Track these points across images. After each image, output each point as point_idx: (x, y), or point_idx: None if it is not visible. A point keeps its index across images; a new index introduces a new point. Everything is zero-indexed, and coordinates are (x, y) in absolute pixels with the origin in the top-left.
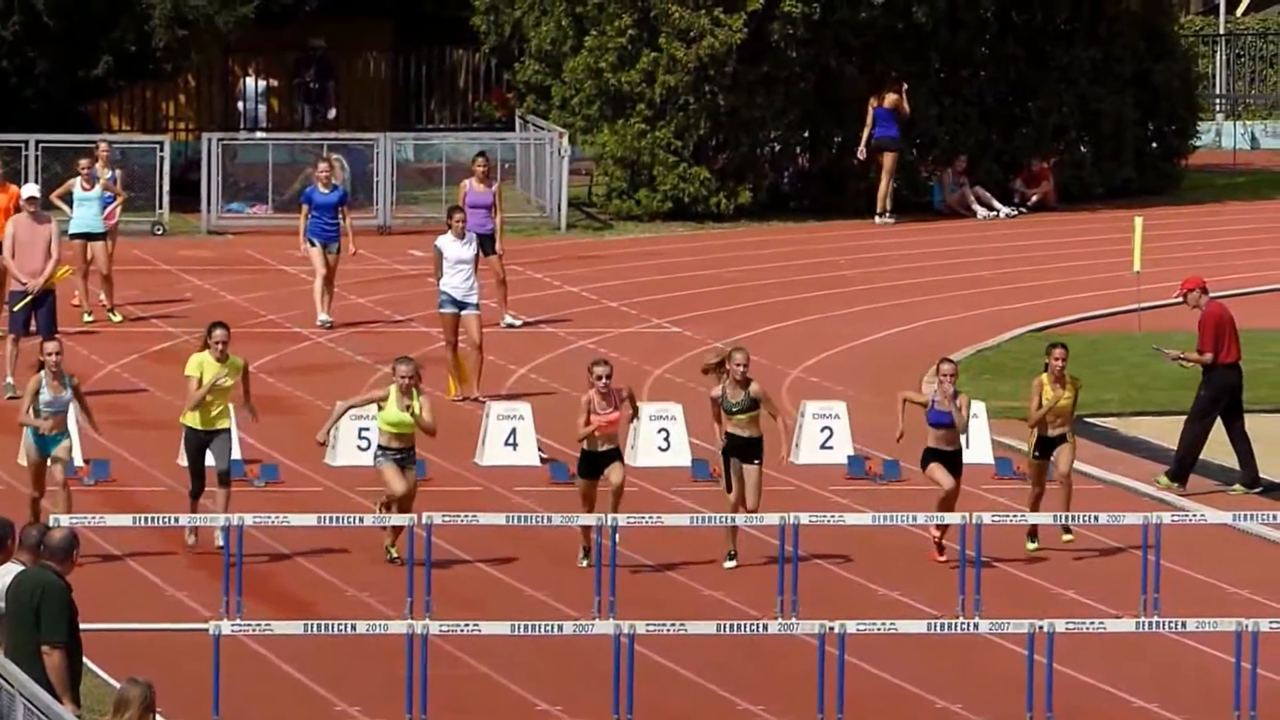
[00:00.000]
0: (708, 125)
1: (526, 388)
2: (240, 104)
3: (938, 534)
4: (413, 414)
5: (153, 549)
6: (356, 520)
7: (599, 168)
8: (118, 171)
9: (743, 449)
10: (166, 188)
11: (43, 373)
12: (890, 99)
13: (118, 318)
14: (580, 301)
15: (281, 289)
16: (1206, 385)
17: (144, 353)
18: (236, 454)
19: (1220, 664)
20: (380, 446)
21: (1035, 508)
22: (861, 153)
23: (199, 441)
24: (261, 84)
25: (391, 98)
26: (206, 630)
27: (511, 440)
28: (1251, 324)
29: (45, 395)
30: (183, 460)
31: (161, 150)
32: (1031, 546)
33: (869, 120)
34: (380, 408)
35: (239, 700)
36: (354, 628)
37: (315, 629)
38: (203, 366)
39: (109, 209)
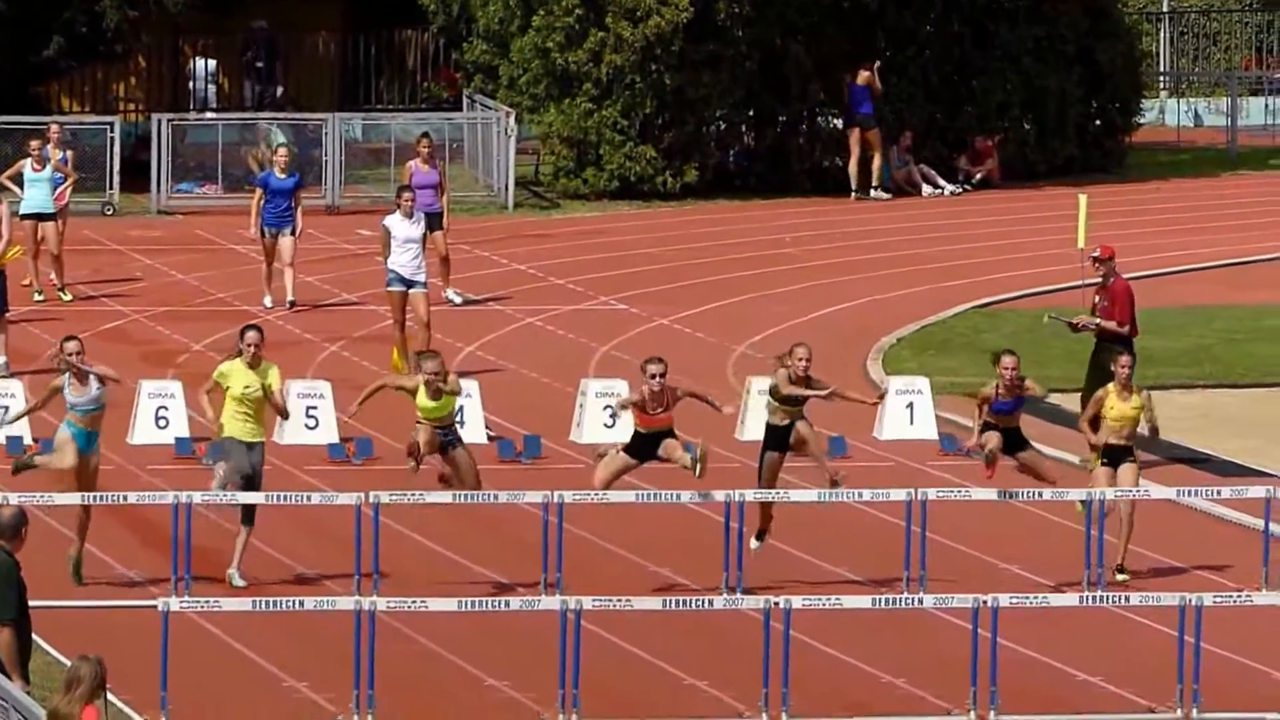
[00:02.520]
0: (654, 104)
1: (474, 365)
2: (190, 85)
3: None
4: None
5: (102, 526)
6: (304, 498)
7: (546, 147)
8: (68, 152)
9: (785, 435)
10: (117, 168)
11: (66, 375)
12: (864, 76)
13: (68, 297)
14: (527, 279)
15: (231, 268)
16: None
17: (94, 331)
18: (184, 432)
19: (1164, 638)
20: (418, 423)
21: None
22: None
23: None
24: (211, 65)
25: (340, 78)
26: (155, 607)
27: (459, 417)
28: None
29: (69, 397)
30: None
31: (112, 131)
32: (1121, 578)
33: (845, 98)
34: (412, 396)
35: (187, 676)
36: (302, 604)
37: (263, 605)
38: (230, 375)
39: (59, 189)
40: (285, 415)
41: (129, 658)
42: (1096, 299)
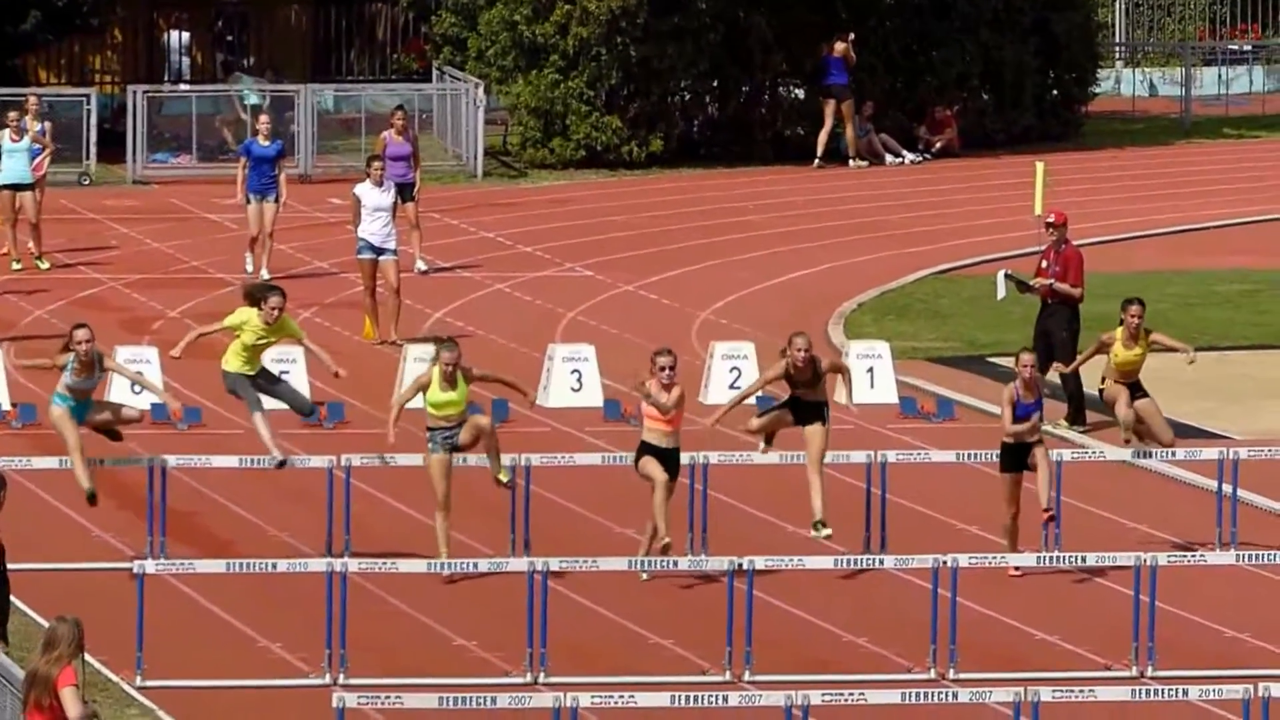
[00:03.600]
0: (619, 75)
1: (443, 331)
2: (164, 57)
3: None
4: (478, 379)
5: (79, 491)
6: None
7: (514, 117)
8: (46, 124)
9: (808, 411)
10: (93, 139)
11: (71, 356)
12: (839, 47)
13: (45, 265)
14: (496, 247)
15: (205, 236)
16: (1067, 325)
17: (71, 299)
18: (151, 399)
19: (1119, 597)
20: (429, 429)
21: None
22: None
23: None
24: (185, 37)
25: (312, 50)
26: (131, 569)
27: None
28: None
29: (69, 379)
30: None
31: (88, 103)
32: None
33: (820, 68)
34: (424, 391)
35: (162, 637)
36: (275, 566)
37: (237, 568)
38: (245, 324)
39: (37, 160)
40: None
41: (106, 619)
42: (1044, 264)
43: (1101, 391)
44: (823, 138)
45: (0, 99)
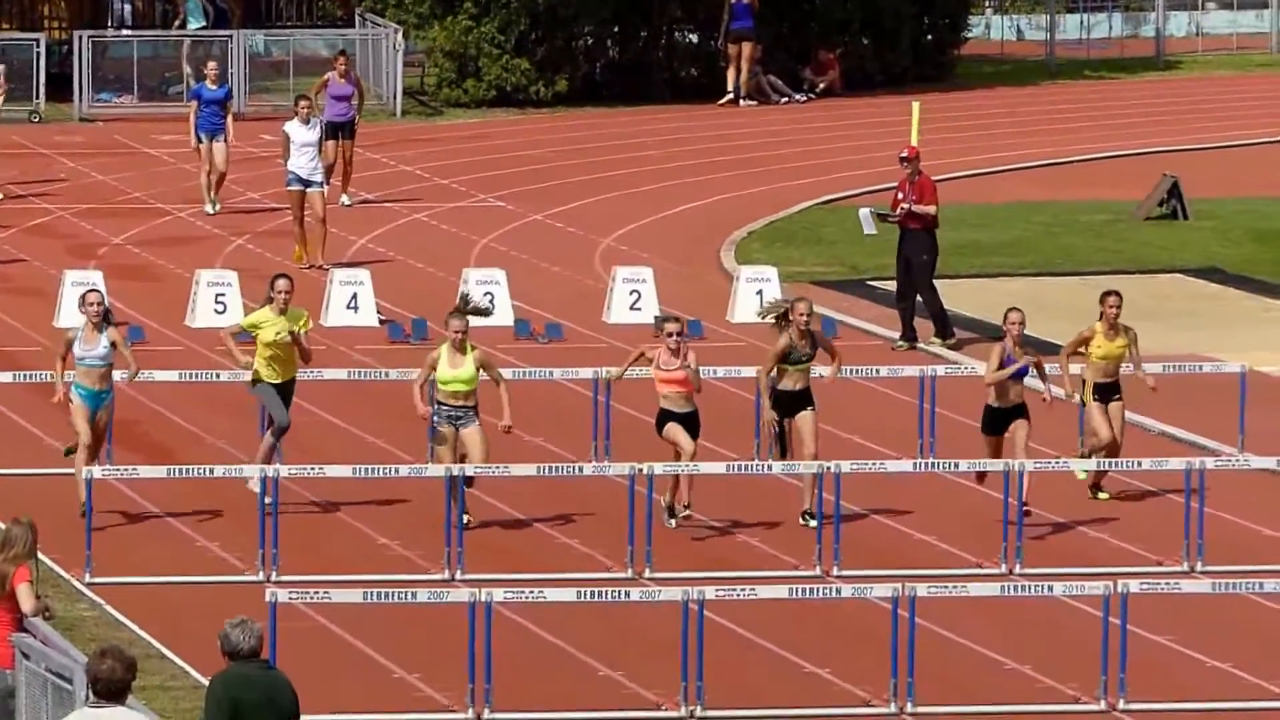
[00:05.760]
0: (527, 21)
1: (366, 256)
2: (109, 4)
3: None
4: (482, 367)
5: (31, 402)
6: (214, 376)
7: (430, 60)
8: (0, 66)
9: (795, 401)
10: (43, 80)
11: (79, 327)
12: None
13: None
14: (414, 179)
15: (146, 170)
16: (931, 250)
17: (21, 227)
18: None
19: (991, 501)
20: (437, 402)
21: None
22: (722, 43)
23: (276, 390)
24: None
25: None
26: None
27: (353, 304)
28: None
29: (79, 349)
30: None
31: (38, 46)
32: (1103, 497)
33: (726, 14)
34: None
35: (109, 537)
36: (212, 471)
37: (177, 473)
38: (261, 324)
39: None
40: (308, 359)
41: (57, 521)
42: (900, 195)
43: (1082, 403)
44: (731, 76)
45: None
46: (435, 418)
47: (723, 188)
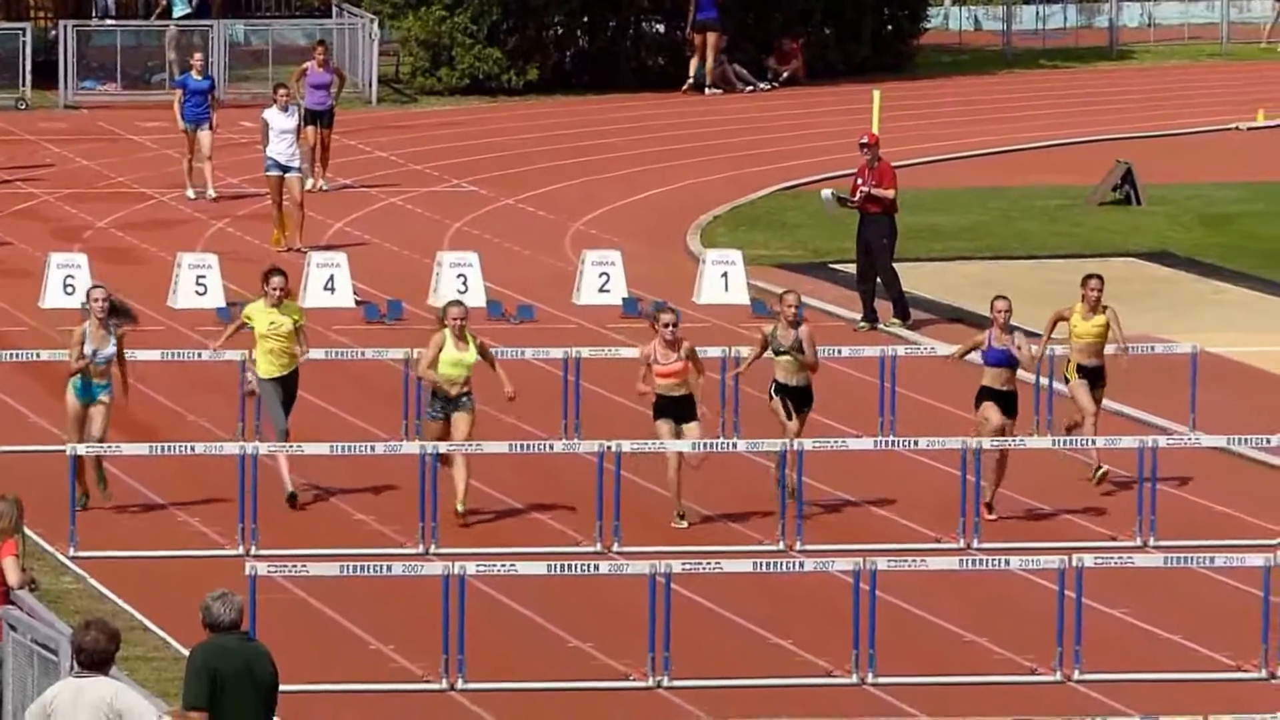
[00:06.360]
0: (500, 11)
1: (342, 239)
2: None
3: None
4: (480, 352)
5: (17, 381)
6: (196, 355)
7: (405, 49)
8: None
9: (797, 397)
10: (28, 68)
11: (87, 323)
12: None
13: None
14: (389, 165)
15: (129, 155)
16: (890, 234)
17: (8, 211)
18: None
19: (949, 477)
20: (433, 394)
21: (1074, 430)
22: (689, 33)
23: (274, 387)
24: None
25: None
26: (64, 451)
27: (330, 285)
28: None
29: (89, 346)
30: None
31: (24, 35)
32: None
33: (692, 4)
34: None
35: (92, 512)
36: (192, 448)
37: (159, 450)
38: (254, 316)
39: None
40: (303, 352)
41: (43, 497)
42: (858, 180)
43: (1067, 380)
44: (694, 64)
45: None
46: (430, 409)
47: (688, 173)
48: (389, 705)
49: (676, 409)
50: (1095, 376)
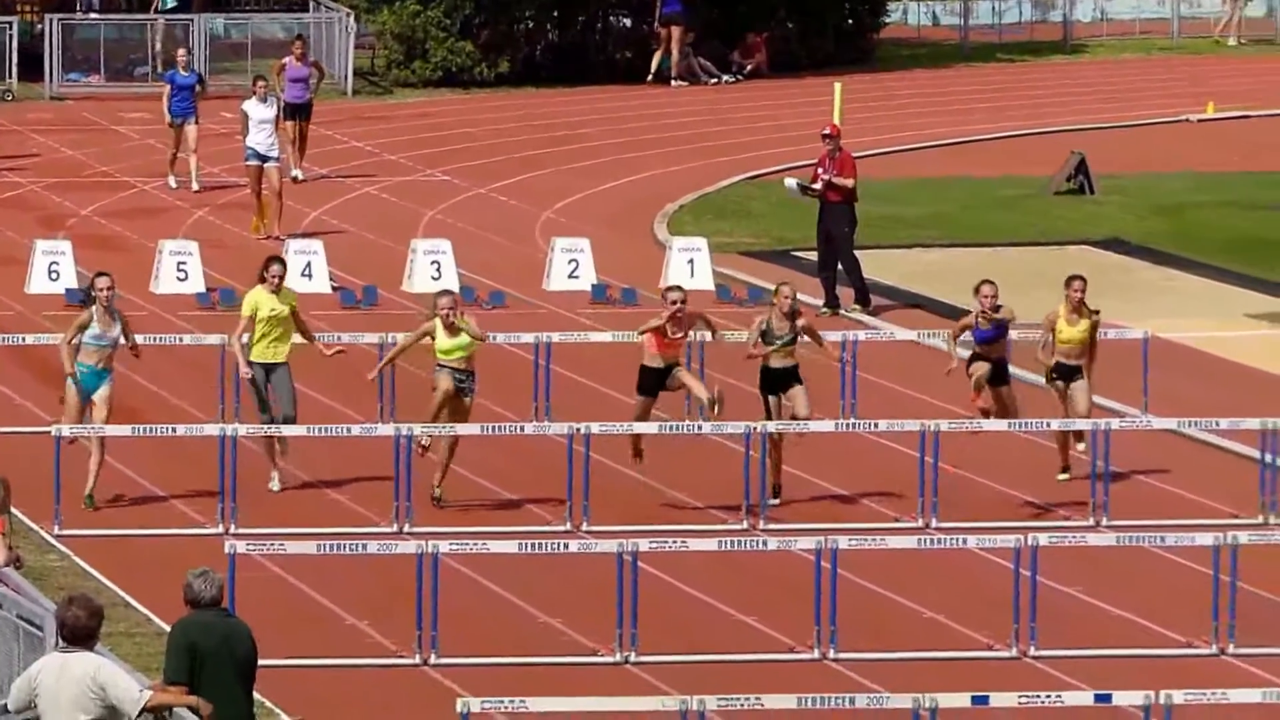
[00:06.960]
0: (472, 6)
1: (319, 228)
2: None
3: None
4: (469, 334)
5: (3, 365)
6: (178, 339)
7: (380, 42)
8: None
9: (782, 378)
10: (15, 61)
11: (94, 307)
12: None
13: None
14: (364, 155)
15: (113, 146)
16: (850, 223)
17: None
18: (73, 283)
19: (908, 459)
20: (438, 366)
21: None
22: (655, 26)
23: (261, 374)
24: None
25: None
26: (49, 433)
27: (307, 271)
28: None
29: (94, 329)
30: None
31: (10, 29)
32: (1063, 478)
33: None
34: (433, 339)
35: (78, 492)
36: (174, 430)
37: (141, 431)
38: (257, 304)
39: None
40: (310, 338)
41: (29, 477)
42: (819, 171)
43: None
44: (658, 57)
45: None
46: (438, 368)
47: (655, 164)
48: (364, 679)
49: (665, 377)
50: (1074, 372)
